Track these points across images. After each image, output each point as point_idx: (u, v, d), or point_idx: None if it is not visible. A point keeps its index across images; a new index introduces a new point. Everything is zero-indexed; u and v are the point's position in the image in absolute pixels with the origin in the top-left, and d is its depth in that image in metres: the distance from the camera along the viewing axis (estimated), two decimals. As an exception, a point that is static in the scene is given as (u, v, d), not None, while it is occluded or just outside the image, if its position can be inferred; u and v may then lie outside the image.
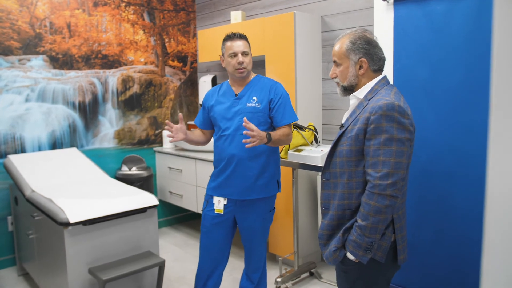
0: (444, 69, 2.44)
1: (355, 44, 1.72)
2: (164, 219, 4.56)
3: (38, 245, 2.88)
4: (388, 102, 1.60)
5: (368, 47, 1.72)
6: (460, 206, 2.44)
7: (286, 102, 2.43)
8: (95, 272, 2.42)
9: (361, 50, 1.72)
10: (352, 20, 3.20)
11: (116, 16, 4.12)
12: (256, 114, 2.38)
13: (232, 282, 3.23)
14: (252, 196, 2.41)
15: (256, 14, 3.98)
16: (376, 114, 1.60)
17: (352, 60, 1.73)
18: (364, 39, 1.73)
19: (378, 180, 1.58)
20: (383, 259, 1.67)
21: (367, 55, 1.72)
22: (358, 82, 1.76)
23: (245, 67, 2.39)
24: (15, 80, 3.54)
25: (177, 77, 4.62)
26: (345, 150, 1.70)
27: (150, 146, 4.44)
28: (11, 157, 3.31)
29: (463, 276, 2.46)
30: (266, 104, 2.40)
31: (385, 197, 1.58)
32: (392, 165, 1.57)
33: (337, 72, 1.79)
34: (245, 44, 2.40)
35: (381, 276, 1.74)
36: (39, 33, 3.66)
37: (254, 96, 2.41)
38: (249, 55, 2.41)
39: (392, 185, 1.57)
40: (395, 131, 1.58)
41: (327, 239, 1.78)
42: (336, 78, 1.80)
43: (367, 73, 1.74)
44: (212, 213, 2.48)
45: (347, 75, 1.76)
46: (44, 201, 2.64)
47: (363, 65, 1.73)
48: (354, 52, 1.72)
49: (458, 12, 2.36)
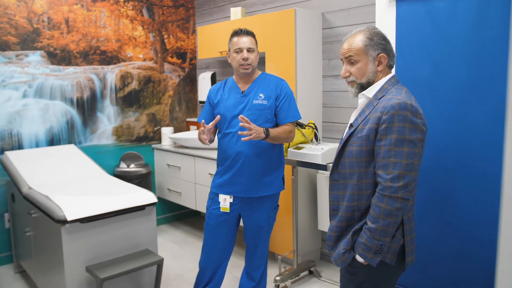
0: (447, 66, 2.42)
1: (373, 40, 1.68)
2: (162, 216, 4.54)
3: (35, 243, 2.85)
4: (400, 101, 1.56)
5: (384, 42, 1.70)
6: (464, 205, 2.42)
7: (291, 100, 2.44)
8: (93, 270, 2.39)
9: (379, 45, 1.68)
10: (353, 17, 3.17)
11: (115, 11, 4.08)
12: (263, 111, 2.37)
13: (232, 280, 3.21)
14: (259, 193, 2.42)
15: (256, 10, 3.95)
16: (388, 113, 1.56)
17: (371, 56, 1.68)
18: (380, 34, 1.70)
19: (389, 182, 1.54)
20: (393, 262, 1.64)
21: (385, 50, 1.69)
22: (375, 79, 1.71)
23: (250, 64, 2.37)
24: (13, 76, 3.50)
25: (176, 73, 4.59)
26: (355, 150, 1.66)
27: (149, 143, 4.41)
28: (8, 153, 3.28)
29: (469, 276, 2.44)
30: (273, 101, 2.39)
31: (396, 200, 1.54)
32: (404, 167, 1.54)
33: (353, 70, 1.71)
34: (251, 41, 2.39)
35: (387, 278, 1.71)
36: (37, 28, 3.62)
37: (260, 93, 2.40)
38: (255, 52, 2.40)
39: (403, 187, 1.54)
40: (407, 131, 1.54)
41: (335, 240, 1.75)
42: (350, 77, 1.73)
43: (384, 69, 1.71)
44: (218, 211, 2.46)
45: (365, 71, 1.69)
46: (41, 198, 2.61)
47: (383, 60, 1.69)
48: (373, 48, 1.68)
49: (461, 8, 2.34)
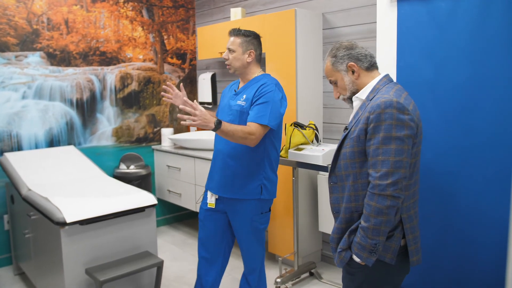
0: (449, 67, 2.41)
1: (337, 56, 1.77)
2: (162, 217, 4.52)
3: (35, 245, 2.83)
4: (386, 100, 1.58)
5: (348, 51, 1.76)
6: (467, 207, 2.41)
7: (265, 103, 2.26)
8: (92, 272, 2.38)
9: (344, 57, 1.76)
10: (353, 17, 3.16)
11: (115, 12, 4.07)
12: (240, 112, 2.35)
13: (232, 282, 3.19)
14: (229, 195, 2.38)
15: (257, 11, 3.94)
16: (375, 112, 1.59)
17: (342, 70, 1.77)
18: (341, 47, 1.78)
19: (377, 180, 1.56)
20: (393, 261, 1.64)
21: (351, 58, 1.75)
22: (357, 87, 1.77)
23: (229, 64, 2.40)
24: (12, 77, 3.49)
25: (176, 74, 4.57)
26: (348, 152, 1.69)
27: (149, 144, 4.40)
28: (7, 154, 3.26)
29: (472, 278, 2.42)
30: (250, 102, 2.32)
31: (385, 198, 1.55)
32: (392, 164, 1.55)
33: (338, 90, 1.82)
34: (232, 41, 2.38)
35: (388, 279, 1.70)
36: (36, 29, 3.61)
37: (245, 94, 2.38)
38: (236, 52, 2.36)
39: (392, 184, 1.54)
40: (393, 128, 1.56)
41: (337, 242, 1.76)
42: (340, 96, 1.82)
43: (362, 74, 1.76)
44: (205, 206, 2.50)
45: (345, 86, 1.78)
46: (40, 200, 2.59)
47: (354, 68, 1.75)
48: (339, 62, 1.76)
49: (463, 8, 2.32)
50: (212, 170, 2.47)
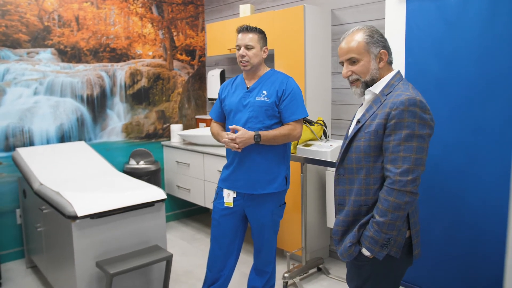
0: (458, 63, 2.40)
1: (373, 37, 1.70)
2: (171, 213, 4.56)
3: (46, 238, 2.88)
4: (409, 97, 1.58)
5: (384, 40, 1.72)
6: (473, 204, 2.40)
7: (295, 97, 2.38)
8: (103, 265, 2.41)
9: (380, 42, 1.70)
10: (362, 13, 3.15)
11: (125, 9, 4.10)
12: (264, 108, 2.37)
13: (240, 277, 3.22)
14: (258, 190, 2.40)
15: (266, 7, 3.95)
16: (398, 109, 1.58)
17: (373, 54, 1.70)
18: (378, 32, 1.73)
19: (398, 176, 1.56)
20: (398, 255, 1.65)
21: (385, 47, 1.71)
22: (378, 76, 1.72)
23: (248, 61, 2.39)
24: (24, 73, 3.54)
25: (185, 71, 4.60)
26: (363, 145, 1.68)
27: (158, 140, 4.43)
28: (19, 150, 3.31)
29: (478, 274, 2.42)
30: (274, 98, 2.37)
31: (404, 194, 1.56)
32: (413, 161, 1.55)
33: (355, 69, 1.71)
34: (250, 38, 2.38)
35: (393, 272, 1.72)
36: (47, 26, 3.65)
37: (264, 90, 2.39)
38: (255, 49, 2.39)
39: (412, 181, 1.55)
40: (416, 126, 1.56)
41: (341, 235, 1.76)
42: (352, 76, 1.73)
43: (386, 66, 1.73)
44: (221, 205, 2.49)
45: (369, 69, 1.70)
46: (52, 194, 2.63)
47: (383, 57, 1.71)
48: (374, 45, 1.69)
49: (472, 4, 2.31)
50: (235, 169, 2.43)
